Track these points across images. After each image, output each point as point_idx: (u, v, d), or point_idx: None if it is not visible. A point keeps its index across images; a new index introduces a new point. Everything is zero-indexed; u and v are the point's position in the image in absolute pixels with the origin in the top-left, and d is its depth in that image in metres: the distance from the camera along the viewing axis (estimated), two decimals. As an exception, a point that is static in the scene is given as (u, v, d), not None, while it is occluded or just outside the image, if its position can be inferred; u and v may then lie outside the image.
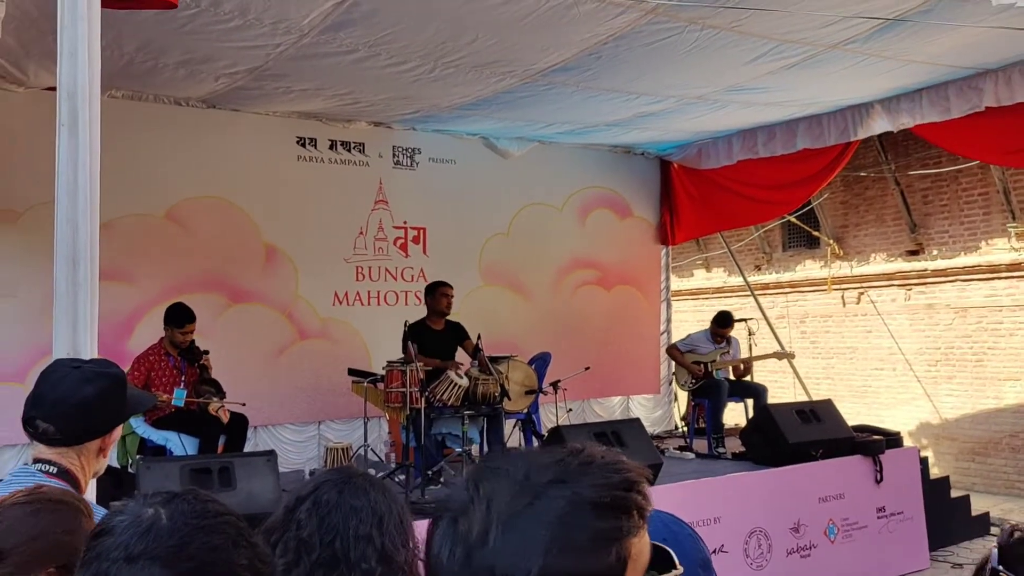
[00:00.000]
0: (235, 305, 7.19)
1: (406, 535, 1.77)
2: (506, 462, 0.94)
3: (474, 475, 0.95)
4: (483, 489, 0.91)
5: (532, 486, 0.89)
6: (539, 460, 0.93)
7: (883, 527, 6.60)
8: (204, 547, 1.04)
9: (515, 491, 0.89)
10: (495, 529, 0.87)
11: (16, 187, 6.21)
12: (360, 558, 1.67)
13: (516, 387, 6.65)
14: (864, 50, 5.74)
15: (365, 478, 1.82)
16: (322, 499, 1.74)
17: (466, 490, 0.92)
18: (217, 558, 1.04)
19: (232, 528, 1.08)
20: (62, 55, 2.65)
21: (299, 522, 1.71)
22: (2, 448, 6.23)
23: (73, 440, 1.92)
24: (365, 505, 1.73)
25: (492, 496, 0.89)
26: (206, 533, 1.05)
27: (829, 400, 7.13)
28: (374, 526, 1.71)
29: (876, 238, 10.65)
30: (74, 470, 1.92)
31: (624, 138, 8.70)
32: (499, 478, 0.92)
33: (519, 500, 0.88)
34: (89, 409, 1.93)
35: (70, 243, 2.60)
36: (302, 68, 5.88)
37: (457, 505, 0.92)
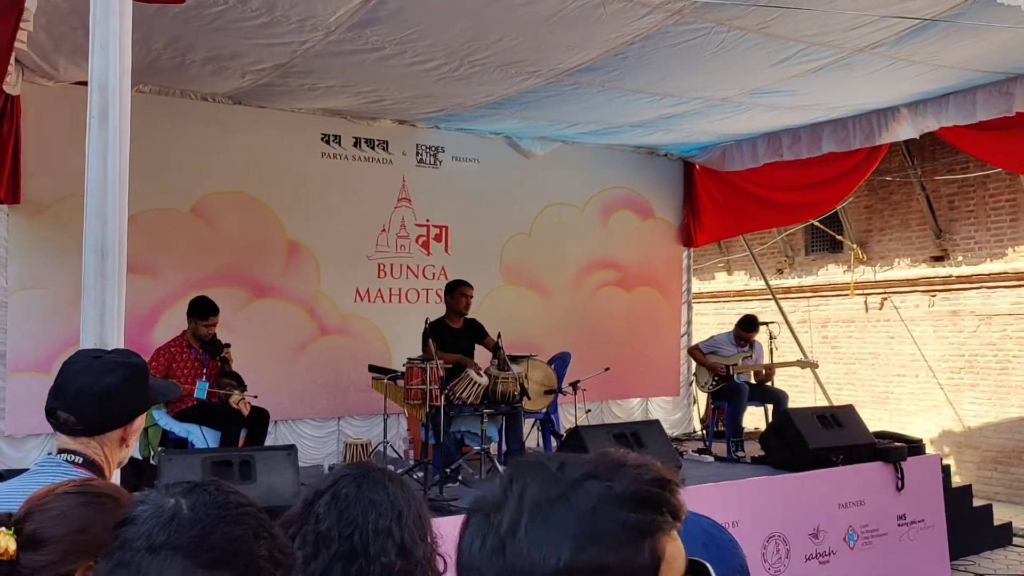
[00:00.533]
0: (257, 300, 7.24)
1: (424, 529, 1.78)
2: (541, 458, 0.94)
3: (509, 472, 0.95)
4: (517, 483, 0.91)
5: (565, 479, 0.89)
6: (573, 457, 0.93)
7: (903, 535, 6.54)
8: (225, 537, 1.04)
9: (548, 483, 0.89)
10: (526, 518, 0.87)
11: (43, 180, 6.28)
12: (379, 551, 1.68)
13: (535, 386, 6.65)
14: (892, 54, 5.70)
15: (384, 472, 1.83)
16: (341, 493, 1.75)
17: (501, 487, 0.92)
18: (238, 548, 1.05)
19: (253, 519, 1.08)
20: (94, 49, 2.68)
21: (318, 515, 1.72)
22: (27, 438, 6.31)
23: (94, 430, 1.93)
24: (384, 499, 1.74)
25: (525, 488, 0.89)
26: (227, 523, 1.05)
27: (850, 406, 7.08)
28: (393, 520, 1.72)
29: (900, 243, 10.56)
30: (98, 460, 1.93)
31: (648, 139, 8.68)
32: (533, 472, 0.92)
33: (551, 491, 0.88)
34: (109, 399, 1.93)
35: (99, 234, 2.63)
36: (328, 65, 5.91)
37: (491, 502, 0.92)
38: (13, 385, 6.24)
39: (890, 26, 5.15)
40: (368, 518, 1.71)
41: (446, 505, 5.16)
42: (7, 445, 6.25)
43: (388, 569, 1.68)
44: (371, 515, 1.72)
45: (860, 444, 6.60)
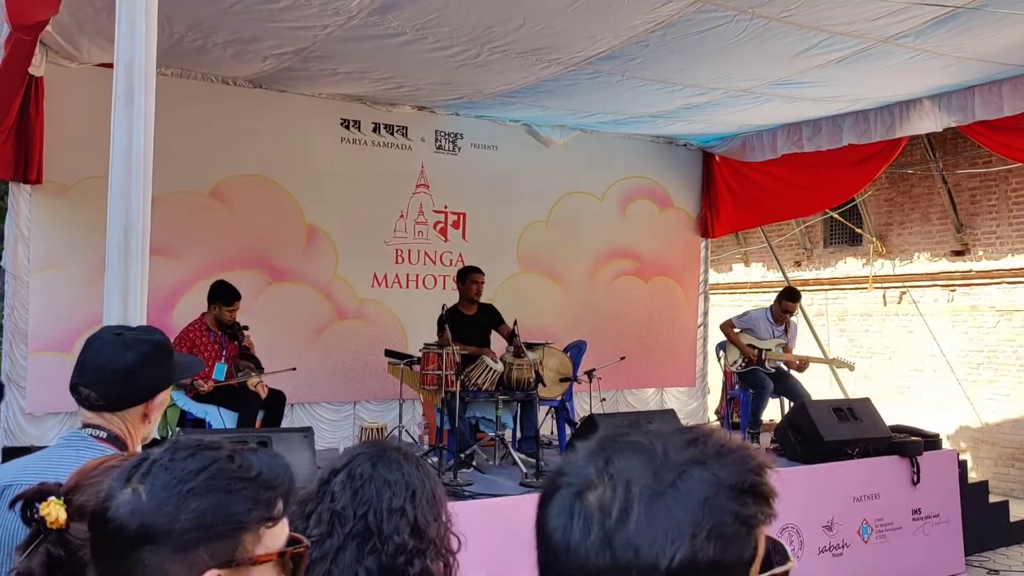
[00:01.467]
0: (275, 283, 7.28)
1: (438, 509, 1.79)
2: (636, 435, 0.87)
3: (602, 447, 0.87)
4: (616, 463, 0.84)
5: (673, 464, 0.83)
6: (672, 439, 0.87)
7: (918, 529, 6.52)
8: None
9: (656, 468, 0.83)
10: (638, 507, 0.81)
11: (66, 161, 6.33)
12: (393, 531, 1.69)
13: (551, 374, 6.66)
14: (917, 45, 5.64)
15: (399, 451, 1.83)
16: (356, 472, 1.76)
17: (590, 462, 0.86)
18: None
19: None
20: (120, 29, 2.70)
21: (333, 494, 1.74)
22: (47, 416, 6.38)
23: (115, 405, 1.94)
24: (399, 479, 1.75)
25: (630, 472, 0.83)
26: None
27: (867, 399, 7.04)
28: (407, 499, 1.73)
29: (920, 237, 10.48)
30: (121, 435, 1.95)
31: (667, 129, 8.64)
32: (634, 453, 0.85)
33: (663, 478, 0.82)
34: (130, 374, 1.94)
35: (123, 213, 2.65)
36: (349, 50, 5.91)
37: (580, 478, 0.85)
38: (34, 364, 6.31)
39: (914, 16, 5.09)
40: (382, 497, 1.72)
41: (460, 490, 5.18)
42: (28, 423, 6.32)
43: (401, 548, 1.69)
44: (385, 494, 1.73)
45: (876, 437, 6.57)
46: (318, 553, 1.68)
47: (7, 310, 6.46)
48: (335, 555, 1.67)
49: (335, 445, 6.94)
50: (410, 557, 1.69)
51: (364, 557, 1.67)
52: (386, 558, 1.67)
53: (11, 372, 6.31)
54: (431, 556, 1.73)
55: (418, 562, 1.70)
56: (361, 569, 1.66)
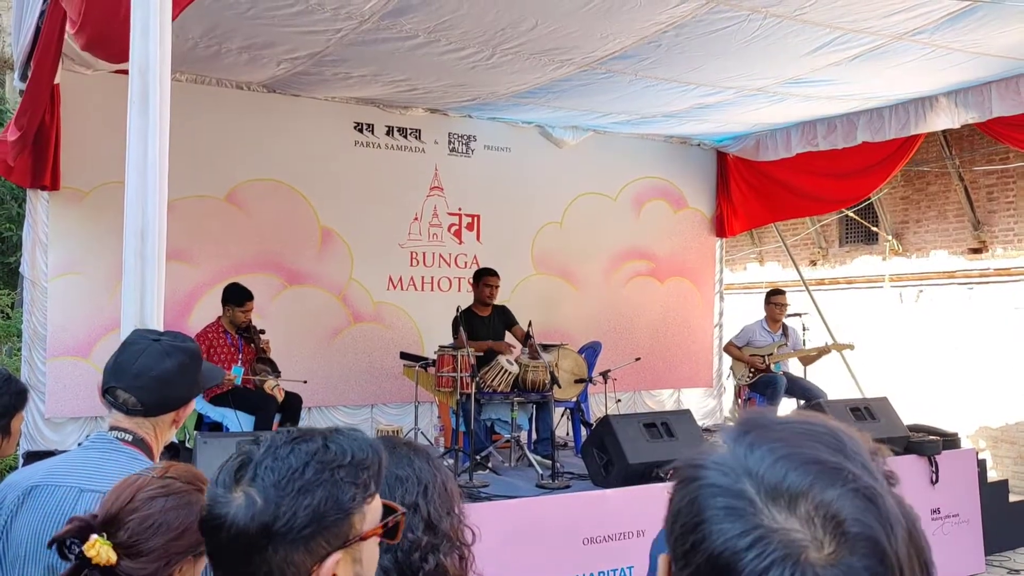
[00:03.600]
0: (291, 287, 7.31)
1: (451, 502, 1.79)
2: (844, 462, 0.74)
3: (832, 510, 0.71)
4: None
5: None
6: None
7: (937, 529, 6.46)
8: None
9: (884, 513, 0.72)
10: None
11: (83, 167, 6.39)
12: (407, 527, 1.70)
13: (566, 375, 6.65)
14: (932, 41, 5.60)
15: (409, 447, 1.84)
16: None
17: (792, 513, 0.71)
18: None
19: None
20: (134, 35, 2.71)
21: None
22: (66, 421, 6.42)
23: (152, 411, 1.97)
24: (410, 474, 1.75)
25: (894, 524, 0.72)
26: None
27: (884, 398, 6.99)
28: (419, 495, 1.73)
29: (937, 235, 10.39)
30: (148, 439, 1.97)
31: (680, 129, 8.62)
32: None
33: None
34: (169, 382, 1.98)
35: (139, 217, 2.67)
36: (361, 54, 5.93)
37: (792, 549, 0.69)
38: (53, 369, 6.36)
39: (930, 12, 5.06)
40: (395, 494, 1.72)
41: (476, 492, 5.18)
42: (47, 428, 6.37)
43: (415, 544, 1.69)
44: (398, 491, 1.73)
45: (894, 437, 6.52)
46: None
47: (26, 316, 6.51)
48: None
49: (351, 448, 6.94)
50: (424, 553, 1.69)
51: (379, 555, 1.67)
52: (401, 555, 1.67)
53: (30, 377, 6.35)
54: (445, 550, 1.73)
55: (432, 557, 1.70)
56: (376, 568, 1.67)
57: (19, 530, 1.81)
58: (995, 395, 9.54)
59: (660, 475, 5.34)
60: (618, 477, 5.30)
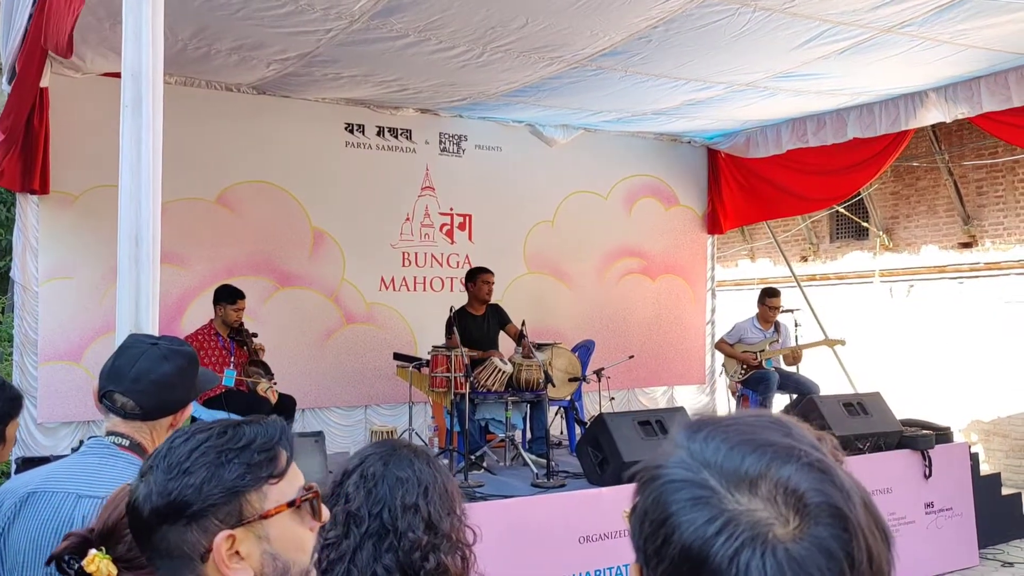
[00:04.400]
0: (283, 289, 7.29)
1: (452, 503, 1.81)
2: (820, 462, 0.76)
3: (820, 491, 0.74)
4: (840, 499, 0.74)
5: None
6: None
7: (931, 523, 6.50)
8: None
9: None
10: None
11: (72, 171, 6.36)
12: (408, 528, 1.71)
13: (560, 374, 6.66)
14: (920, 33, 5.62)
15: (410, 449, 1.85)
16: (368, 471, 1.78)
17: (777, 504, 0.73)
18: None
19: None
20: (127, 37, 2.70)
21: (347, 495, 1.76)
22: (59, 425, 6.39)
23: (150, 415, 1.97)
24: (411, 476, 1.77)
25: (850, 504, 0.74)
26: None
27: (877, 393, 7.02)
28: (420, 496, 1.75)
29: (927, 230, 10.44)
30: (145, 444, 1.96)
31: (671, 126, 8.63)
32: (826, 480, 0.75)
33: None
34: (167, 385, 1.98)
35: (133, 221, 2.66)
36: (352, 54, 5.92)
37: (760, 529, 0.72)
38: (45, 374, 6.32)
39: (917, 5, 5.08)
40: (395, 495, 1.74)
41: (471, 492, 5.18)
42: (40, 433, 6.34)
43: (416, 544, 1.71)
44: (398, 492, 1.75)
45: (887, 432, 6.56)
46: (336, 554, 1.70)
47: (17, 321, 6.48)
48: (352, 555, 1.69)
49: (346, 449, 6.94)
50: (425, 553, 1.71)
51: (381, 555, 1.69)
52: (402, 555, 1.69)
53: (22, 382, 6.31)
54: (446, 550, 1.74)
55: (433, 557, 1.71)
56: (379, 567, 1.68)
57: (17, 537, 1.81)
58: (987, 389, 9.60)
59: (655, 473, 5.35)
60: (613, 475, 5.31)
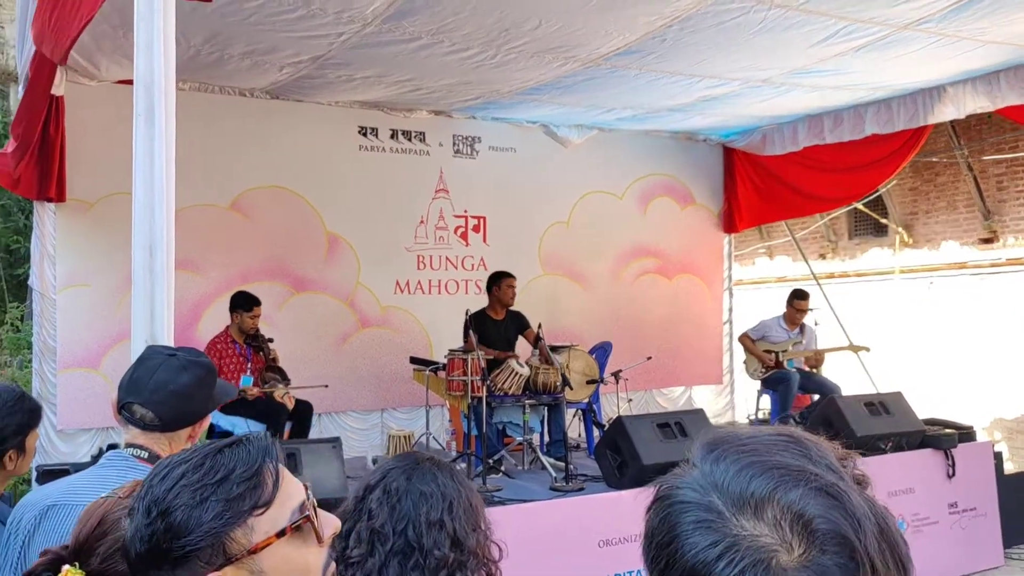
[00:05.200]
0: (298, 294, 7.29)
1: (476, 518, 1.76)
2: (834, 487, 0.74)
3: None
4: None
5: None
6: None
7: (955, 523, 6.41)
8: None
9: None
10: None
11: (88, 178, 6.38)
12: (433, 545, 1.67)
13: (577, 376, 6.62)
14: (939, 30, 5.55)
15: (433, 462, 1.81)
16: (391, 487, 1.73)
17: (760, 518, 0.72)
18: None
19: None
20: (138, 47, 2.69)
21: (370, 512, 1.71)
22: (78, 432, 6.41)
23: (169, 426, 1.97)
24: (435, 490, 1.73)
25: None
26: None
27: (899, 392, 6.94)
28: (445, 511, 1.71)
29: (947, 225, 10.33)
30: (164, 455, 1.95)
31: (686, 124, 8.57)
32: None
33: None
34: (186, 395, 1.98)
35: (147, 231, 2.65)
36: (364, 56, 5.91)
37: (762, 555, 0.70)
38: (64, 381, 6.35)
39: (934, 2, 5.02)
40: (420, 511, 1.70)
41: (489, 496, 5.15)
42: (60, 440, 6.36)
43: (442, 562, 1.66)
44: (422, 507, 1.70)
45: (909, 431, 6.48)
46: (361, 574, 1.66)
47: (36, 328, 6.51)
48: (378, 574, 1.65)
49: (363, 454, 6.93)
50: (452, 571, 1.67)
51: (407, 574, 1.64)
52: (428, 573, 1.65)
53: (41, 389, 6.35)
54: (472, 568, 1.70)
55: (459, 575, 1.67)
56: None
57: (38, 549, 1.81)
58: (1009, 386, 9.48)
59: (675, 475, 5.31)
60: (632, 478, 5.27)
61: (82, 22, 3.38)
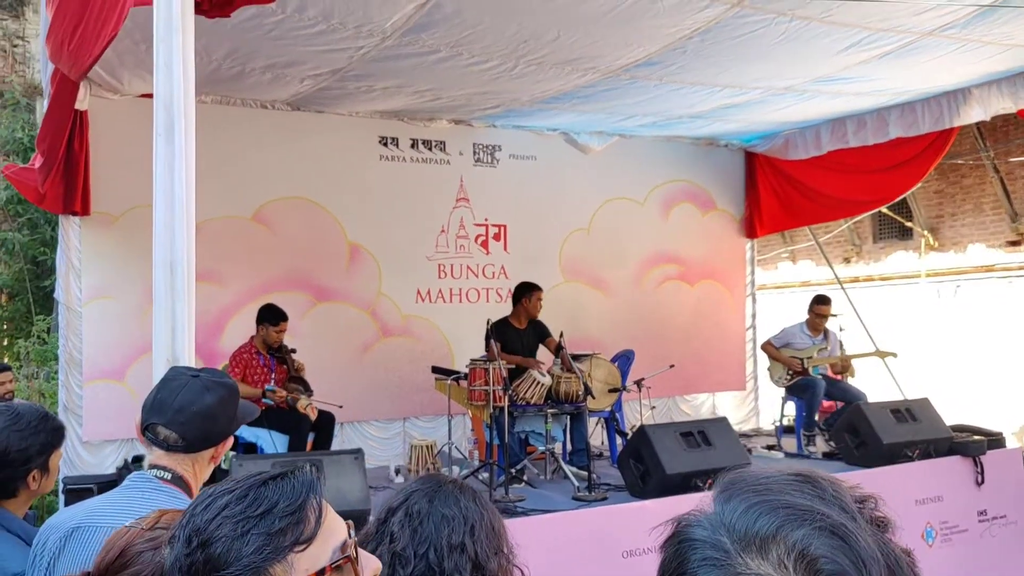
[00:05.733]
0: (320, 304, 7.32)
1: (498, 541, 1.75)
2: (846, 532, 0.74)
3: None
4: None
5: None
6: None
7: (985, 531, 6.32)
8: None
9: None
10: None
11: (112, 191, 6.44)
12: (454, 568, 1.66)
13: (599, 385, 6.59)
14: (963, 36, 5.49)
15: (455, 485, 1.80)
16: (413, 509, 1.73)
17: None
18: None
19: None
20: (158, 66, 2.71)
21: (392, 534, 1.71)
22: (103, 443, 6.47)
23: (193, 447, 1.99)
24: (456, 514, 1.72)
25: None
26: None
27: (926, 399, 6.85)
28: (466, 534, 1.70)
29: (974, 228, 10.21)
30: (187, 476, 1.97)
31: (707, 130, 8.53)
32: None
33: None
34: (210, 416, 2.00)
35: (167, 249, 2.67)
36: (384, 68, 5.93)
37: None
38: (90, 393, 6.41)
39: (957, 9, 4.96)
40: (441, 534, 1.69)
41: (512, 506, 5.14)
42: (85, 451, 6.42)
43: None
44: (444, 531, 1.70)
45: (937, 438, 6.40)
46: None
47: (62, 340, 6.58)
48: None
49: (386, 463, 6.94)
50: None
51: None
52: None
53: (67, 401, 6.42)
54: None
55: None
56: None
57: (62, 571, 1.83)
58: (1039, 391, 9.35)
59: (698, 484, 5.28)
60: (656, 487, 5.24)
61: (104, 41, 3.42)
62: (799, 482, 0.80)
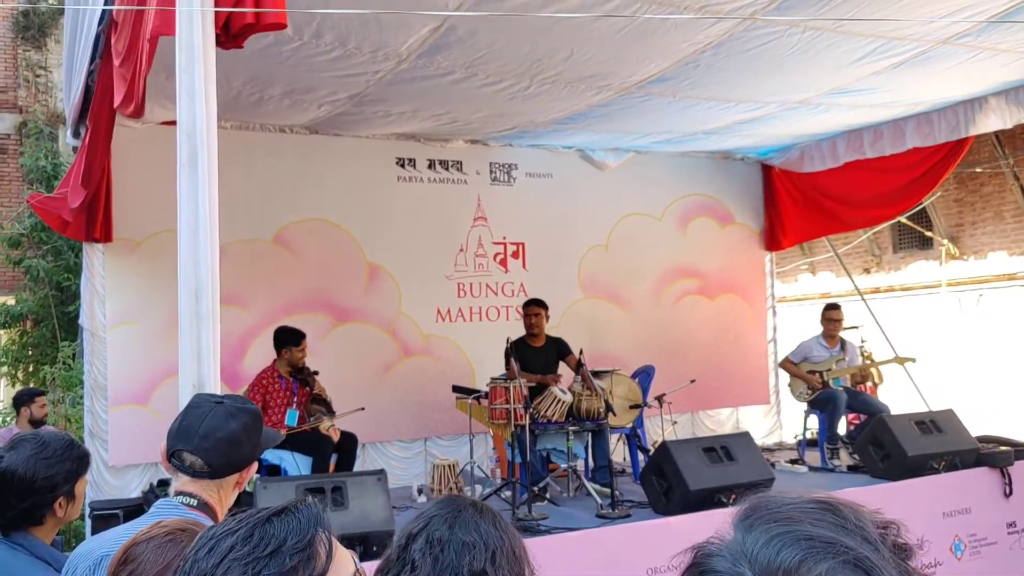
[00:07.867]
0: (341, 324, 7.36)
1: (520, 568, 1.75)
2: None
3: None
4: None
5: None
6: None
7: (1014, 543, 6.24)
8: None
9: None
10: None
11: (135, 217, 6.53)
12: None
13: (620, 401, 6.58)
14: (978, 44, 5.48)
15: (475, 508, 1.80)
16: (434, 536, 1.73)
17: None
18: None
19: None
20: (180, 97, 2.77)
21: (413, 562, 1.71)
22: (128, 467, 6.53)
23: (218, 473, 2.01)
24: (477, 540, 1.72)
25: None
26: None
27: (950, 410, 6.79)
28: (488, 561, 1.69)
29: (995, 236, 10.14)
30: (212, 502, 2.00)
31: (723, 144, 8.53)
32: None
33: None
34: (235, 442, 2.03)
35: (192, 277, 2.71)
36: (400, 92, 5.99)
37: None
38: (115, 417, 6.48)
39: (971, 17, 4.96)
40: (462, 561, 1.69)
41: (535, 524, 5.13)
42: (111, 475, 6.48)
43: None
44: (465, 558, 1.69)
45: (962, 449, 6.33)
46: None
47: (87, 366, 6.66)
48: None
49: (408, 483, 6.96)
50: None
51: None
52: None
53: (93, 426, 6.49)
54: None
55: None
56: None
57: (91, 600, 1.85)
58: (1066, 399, 9.23)
59: (722, 500, 5.25)
60: (679, 504, 5.22)
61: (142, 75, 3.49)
62: (821, 510, 0.79)
